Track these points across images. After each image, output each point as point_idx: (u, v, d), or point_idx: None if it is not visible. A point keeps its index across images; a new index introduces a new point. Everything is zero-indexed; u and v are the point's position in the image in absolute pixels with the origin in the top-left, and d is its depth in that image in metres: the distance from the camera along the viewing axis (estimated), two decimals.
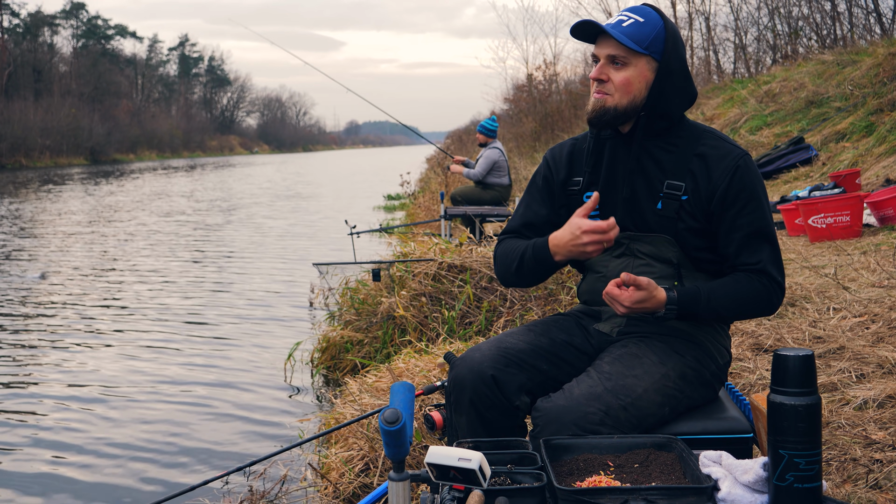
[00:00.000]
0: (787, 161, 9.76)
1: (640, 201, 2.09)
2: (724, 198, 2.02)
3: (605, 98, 2.05)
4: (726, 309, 2.01)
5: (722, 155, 2.05)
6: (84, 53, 71.85)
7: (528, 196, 2.28)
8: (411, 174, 14.94)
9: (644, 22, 2.04)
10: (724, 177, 2.03)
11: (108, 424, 4.47)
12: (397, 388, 1.59)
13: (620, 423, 1.88)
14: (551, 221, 2.21)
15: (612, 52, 2.04)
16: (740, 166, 2.03)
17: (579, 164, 2.21)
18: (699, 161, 2.06)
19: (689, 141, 2.09)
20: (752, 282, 2.01)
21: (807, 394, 1.44)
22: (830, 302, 4.31)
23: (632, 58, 2.03)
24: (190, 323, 6.82)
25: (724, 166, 2.04)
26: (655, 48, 2.04)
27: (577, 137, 2.28)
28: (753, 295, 2.01)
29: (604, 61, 2.05)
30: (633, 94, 2.05)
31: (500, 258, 2.22)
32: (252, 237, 12.81)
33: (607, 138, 2.15)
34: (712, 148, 2.07)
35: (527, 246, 2.13)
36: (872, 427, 2.83)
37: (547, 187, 2.24)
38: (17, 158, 45.80)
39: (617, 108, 2.05)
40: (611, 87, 2.05)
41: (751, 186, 2.03)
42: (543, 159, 2.29)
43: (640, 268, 2.11)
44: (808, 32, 17.14)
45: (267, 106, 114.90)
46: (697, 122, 2.16)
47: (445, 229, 8.02)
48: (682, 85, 2.08)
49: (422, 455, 3.15)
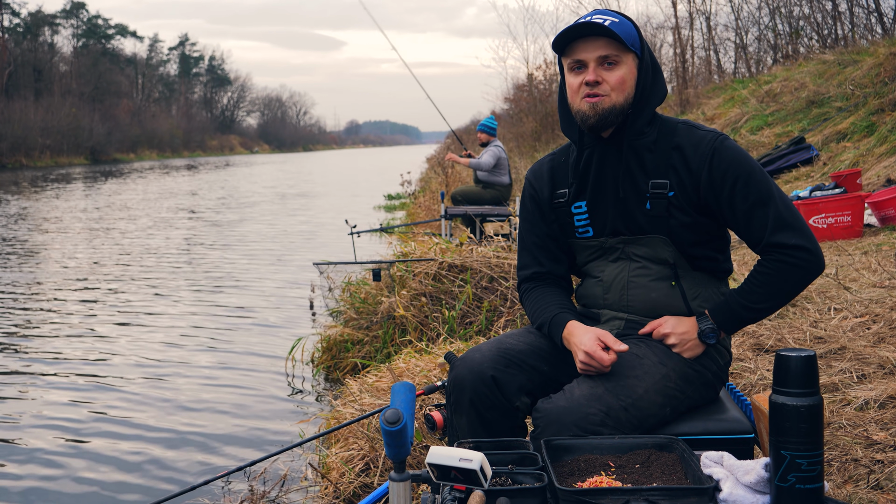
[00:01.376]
0: (788, 161, 9.76)
1: (630, 204, 2.07)
2: (711, 185, 2.01)
3: (602, 99, 2.01)
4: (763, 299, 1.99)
5: (695, 143, 2.04)
6: (84, 53, 71.85)
7: (525, 223, 2.28)
8: (412, 174, 14.94)
9: (620, 21, 2.03)
10: (702, 164, 2.01)
11: (108, 424, 4.47)
12: (398, 388, 1.58)
13: (621, 423, 1.87)
14: (552, 236, 2.22)
15: (604, 53, 2.00)
16: (717, 149, 2.01)
17: (562, 177, 2.19)
18: (677, 154, 2.05)
19: (666, 136, 2.07)
20: (770, 263, 1.97)
21: (809, 394, 1.43)
22: (831, 302, 4.30)
23: (622, 55, 2.02)
24: (189, 322, 6.82)
25: (700, 154, 2.02)
26: (636, 45, 2.04)
27: (553, 153, 2.27)
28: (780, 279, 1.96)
29: (594, 64, 2.01)
30: (627, 91, 2.03)
31: (525, 308, 2.24)
32: (252, 236, 12.81)
33: (589, 146, 2.13)
34: (686, 137, 2.05)
35: (544, 320, 2.13)
36: (874, 427, 2.83)
37: (536, 206, 2.24)
38: (18, 158, 45.81)
39: (615, 106, 2.02)
40: (606, 88, 2.01)
41: (734, 164, 2.00)
42: (526, 181, 2.29)
43: (636, 270, 2.10)
44: (809, 32, 17.14)
45: (267, 105, 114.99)
46: (669, 117, 2.14)
47: (446, 229, 8.02)
48: (656, 80, 2.09)
49: (422, 455, 3.15)
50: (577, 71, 2.04)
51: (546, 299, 2.16)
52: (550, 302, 2.15)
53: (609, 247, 2.13)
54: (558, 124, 18.23)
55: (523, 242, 2.28)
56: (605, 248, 2.14)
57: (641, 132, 2.08)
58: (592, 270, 2.19)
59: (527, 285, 2.25)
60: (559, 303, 2.14)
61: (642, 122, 2.07)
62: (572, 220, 2.17)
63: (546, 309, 2.14)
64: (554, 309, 2.12)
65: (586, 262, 2.20)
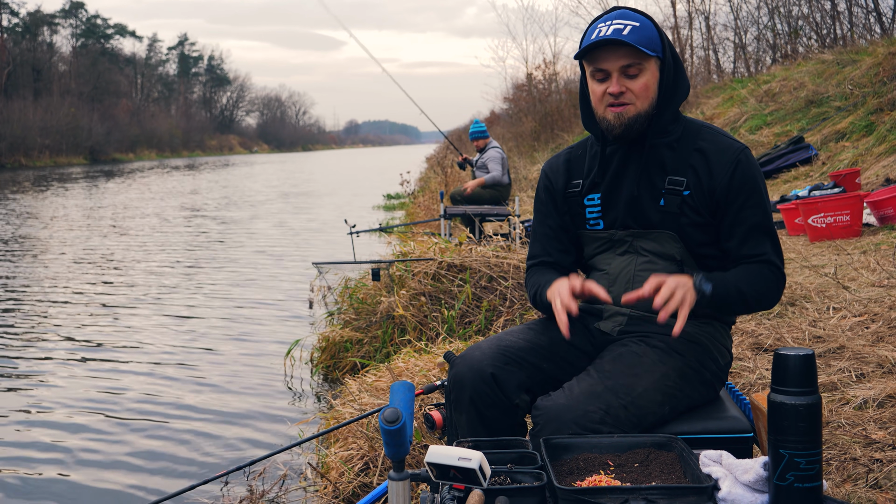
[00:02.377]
0: (787, 160, 9.77)
1: (643, 199, 2.09)
2: (728, 192, 2.04)
3: (627, 108, 2.02)
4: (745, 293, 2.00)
5: (722, 149, 2.06)
6: (83, 53, 71.83)
7: (538, 214, 2.31)
8: (411, 173, 14.94)
9: (640, 25, 2.02)
10: (725, 172, 2.03)
11: (107, 423, 4.47)
12: (397, 388, 1.58)
13: (621, 422, 1.87)
14: (564, 227, 2.24)
15: (626, 62, 2.00)
16: (741, 160, 2.04)
17: (577, 170, 2.22)
18: (699, 156, 2.07)
19: (688, 136, 2.10)
20: (762, 269, 2.03)
21: (807, 393, 1.44)
22: (830, 301, 4.31)
23: (645, 62, 2.02)
24: (187, 321, 6.82)
25: (724, 161, 2.04)
26: (658, 48, 2.04)
27: (571, 147, 2.30)
28: (765, 283, 2.03)
29: (617, 74, 2.01)
30: (651, 97, 2.04)
31: (527, 288, 2.28)
32: (253, 235, 12.81)
33: (611, 142, 2.14)
34: (711, 143, 2.08)
35: (539, 285, 2.17)
36: (872, 426, 2.83)
37: (550, 197, 2.26)
38: (17, 158, 45.81)
39: (640, 114, 2.04)
40: (631, 97, 2.02)
41: (752, 181, 2.04)
42: (542, 173, 2.31)
43: (643, 265, 2.11)
44: (808, 32, 17.15)
45: (266, 105, 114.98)
46: (693, 118, 2.17)
47: (445, 228, 8.02)
48: (678, 78, 2.10)
49: (421, 454, 3.15)
50: (600, 79, 2.05)
51: (545, 276, 2.20)
52: (548, 277, 2.18)
53: (618, 239, 2.14)
54: (557, 124, 18.24)
55: (535, 233, 2.31)
56: (613, 241, 2.15)
57: (665, 130, 2.10)
58: (599, 263, 2.20)
59: (532, 269, 2.29)
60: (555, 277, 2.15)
61: (666, 120, 2.09)
62: (584, 212, 2.19)
63: (540, 280, 2.18)
64: (547, 277, 2.16)
65: (594, 254, 2.21)
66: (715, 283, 1.97)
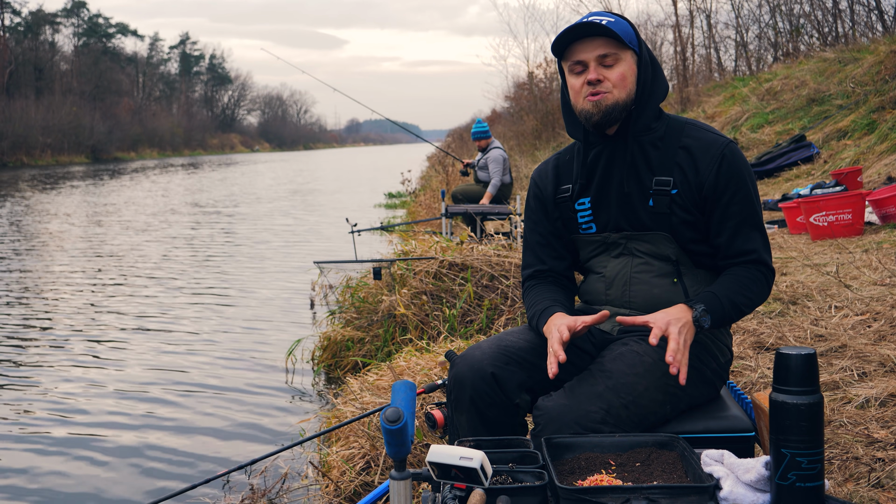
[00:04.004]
0: (789, 159, 9.76)
1: (633, 200, 2.09)
2: (715, 188, 2.04)
3: (605, 96, 2.03)
4: (740, 304, 2.00)
5: (706, 145, 2.06)
6: (85, 52, 71.86)
7: (528, 221, 2.30)
8: (412, 172, 14.93)
9: (616, 20, 2.05)
10: (711, 167, 2.03)
11: (108, 422, 4.47)
12: (398, 387, 1.58)
13: (622, 421, 1.87)
14: (556, 234, 2.24)
15: (603, 51, 2.02)
16: (726, 155, 2.04)
17: (566, 174, 2.22)
18: (684, 153, 2.07)
19: (672, 134, 2.09)
20: (752, 272, 2.04)
21: (809, 392, 1.43)
22: (832, 300, 4.30)
23: (621, 53, 2.04)
24: (188, 320, 6.82)
25: (710, 156, 2.04)
26: (634, 42, 2.06)
27: (559, 153, 2.30)
28: (758, 287, 2.04)
29: (594, 63, 2.03)
30: (629, 88, 2.05)
31: (524, 305, 2.26)
32: (253, 235, 12.81)
33: (595, 145, 2.14)
34: (696, 139, 2.07)
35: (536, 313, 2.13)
36: (874, 425, 2.83)
37: (540, 205, 2.26)
38: (19, 157, 45.84)
39: (618, 103, 2.04)
40: (608, 85, 2.03)
41: (738, 175, 2.04)
42: (531, 181, 2.31)
43: (638, 266, 2.11)
44: (810, 30, 17.14)
45: (268, 104, 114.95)
46: (676, 115, 2.17)
47: (446, 227, 8.02)
48: (656, 76, 2.11)
49: (423, 453, 3.15)
50: (578, 72, 2.06)
51: (541, 295, 2.18)
52: (544, 298, 2.16)
53: (612, 242, 2.14)
54: (559, 122, 18.33)
55: (527, 242, 2.30)
56: (607, 244, 2.15)
57: (648, 127, 2.10)
58: (595, 266, 2.20)
59: (528, 283, 2.28)
60: (552, 298, 2.15)
61: (647, 117, 2.08)
62: (575, 216, 2.19)
63: (537, 304, 2.16)
64: (545, 303, 2.13)
65: (589, 257, 2.21)
66: (712, 311, 1.96)
